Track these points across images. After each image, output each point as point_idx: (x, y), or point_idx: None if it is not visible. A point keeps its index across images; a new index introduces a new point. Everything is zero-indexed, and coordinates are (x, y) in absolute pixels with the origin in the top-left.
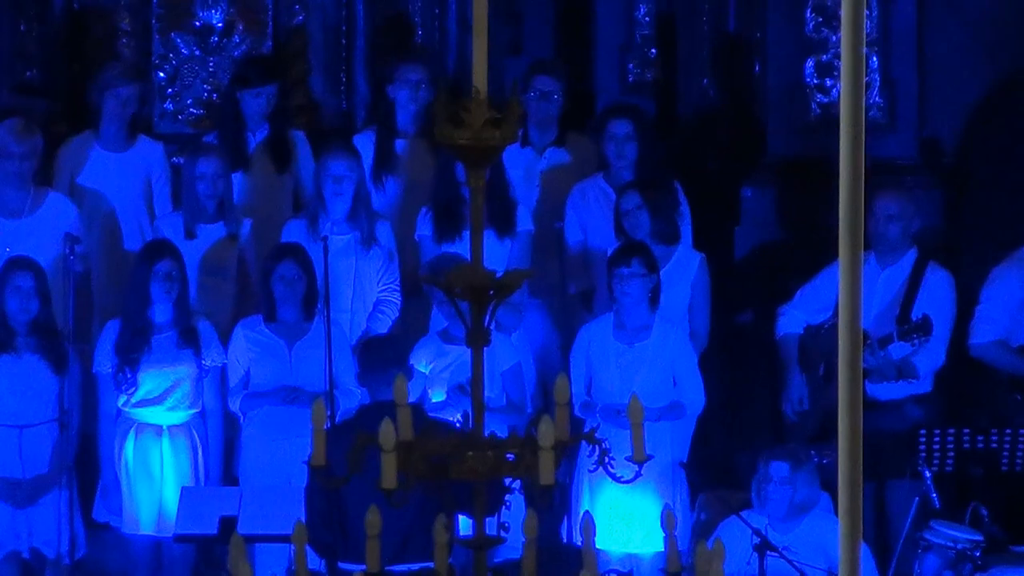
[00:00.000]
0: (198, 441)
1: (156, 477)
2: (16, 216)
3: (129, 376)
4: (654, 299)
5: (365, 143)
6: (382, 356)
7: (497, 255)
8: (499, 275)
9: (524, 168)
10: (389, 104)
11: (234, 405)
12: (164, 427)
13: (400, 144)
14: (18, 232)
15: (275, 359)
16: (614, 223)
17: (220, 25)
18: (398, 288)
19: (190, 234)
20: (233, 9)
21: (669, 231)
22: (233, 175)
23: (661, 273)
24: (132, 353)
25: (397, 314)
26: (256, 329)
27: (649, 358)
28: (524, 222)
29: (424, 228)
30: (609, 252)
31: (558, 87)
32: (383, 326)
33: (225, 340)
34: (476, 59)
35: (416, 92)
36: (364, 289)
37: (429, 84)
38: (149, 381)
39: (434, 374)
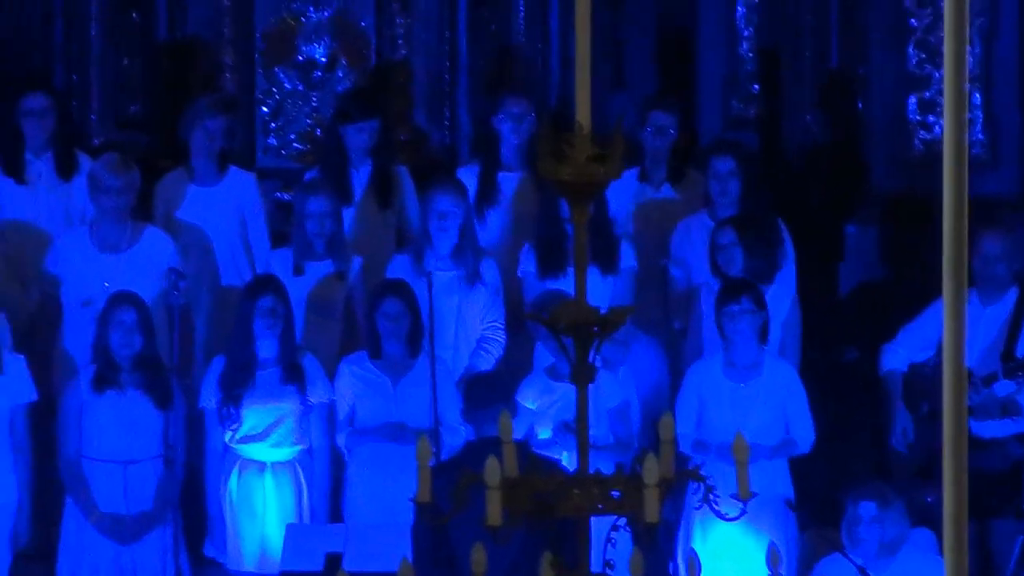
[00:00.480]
0: (302, 478)
1: (259, 513)
2: (114, 251)
3: (232, 412)
4: (763, 336)
5: (469, 177)
6: (488, 393)
7: (600, 291)
8: (603, 311)
9: (639, 202)
10: (493, 137)
11: (339, 440)
12: (267, 463)
13: (504, 178)
14: (117, 267)
15: (380, 396)
16: (709, 258)
17: (323, 59)
18: (502, 326)
19: (299, 270)
20: (336, 44)
21: (763, 269)
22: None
23: None
24: (235, 389)
25: (501, 351)
26: (361, 365)
27: (760, 396)
28: (627, 258)
29: (527, 264)
30: (714, 289)
31: (673, 121)
32: (487, 363)
33: (332, 377)
34: (578, 94)
35: (519, 125)
36: (468, 326)
37: (533, 117)
38: (252, 417)
39: (540, 411)
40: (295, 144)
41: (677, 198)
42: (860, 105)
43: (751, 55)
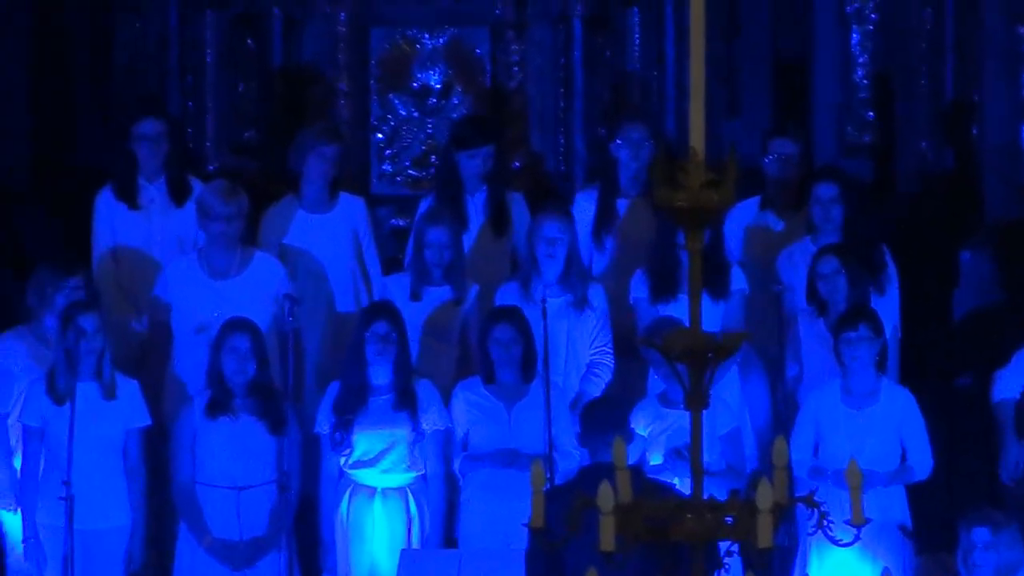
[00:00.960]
0: (413, 504)
1: (368, 539)
2: (224, 277)
3: (345, 438)
4: (881, 363)
5: (588, 202)
6: (602, 418)
7: (711, 316)
8: (717, 337)
9: (763, 229)
10: (611, 163)
11: (453, 466)
12: (378, 489)
13: (621, 203)
14: (226, 293)
15: (494, 422)
16: (807, 286)
17: (438, 86)
18: (611, 351)
19: (416, 296)
20: (451, 70)
21: (865, 297)
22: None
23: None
24: (347, 414)
25: (610, 376)
26: (475, 391)
27: (878, 423)
28: (738, 281)
29: (639, 291)
30: (824, 321)
31: (796, 149)
32: (596, 388)
33: (447, 402)
34: (693, 121)
35: (638, 151)
36: (577, 351)
37: (651, 144)
38: (364, 443)
39: (652, 437)
40: (410, 171)
41: (787, 225)
42: (975, 131)
43: (866, 82)
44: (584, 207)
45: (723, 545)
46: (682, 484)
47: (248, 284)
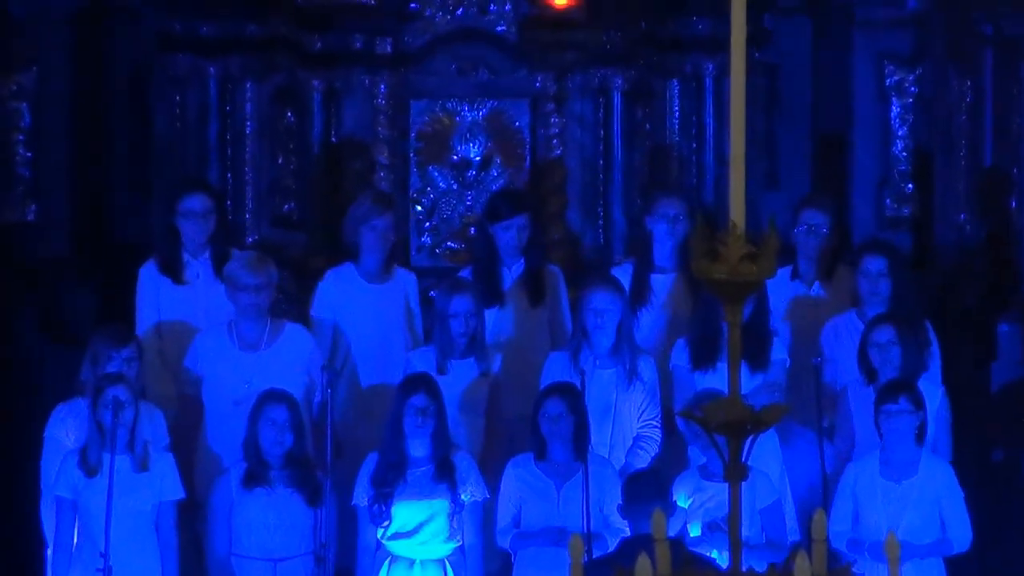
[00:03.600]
0: (452, 574)
1: None
2: (254, 349)
3: (383, 509)
4: (920, 436)
5: (622, 277)
6: (645, 490)
7: (749, 386)
8: (756, 409)
9: (792, 299)
10: (647, 237)
11: (504, 543)
12: (417, 560)
13: (656, 279)
14: (257, 365)
15: (544, 500)
16: (858, 356)
17: (478, 159)
18: (659, 424)
19: (441, 370)
20: (491, 143)
21: (917, 368)
22: (487, 311)
23: None
24: (386, 487)
25: (657, 450)
26: (527, 468)
27: (916, 495)
28: (778, 351)
29: (679, 358)
30: (862, 387)
31: (826, 220)
32: (643, 461)
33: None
34: (733, 193)
35: (674, 227)
36: (624, 423)
37: (686, 218)
38: (403, 514)
39: (692, 509)
40: (449, 243)
41: (826, 296)
42: (1014, 204)
43: (905, 155)
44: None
45: None
46: (720, 557)
47: (279, 356)
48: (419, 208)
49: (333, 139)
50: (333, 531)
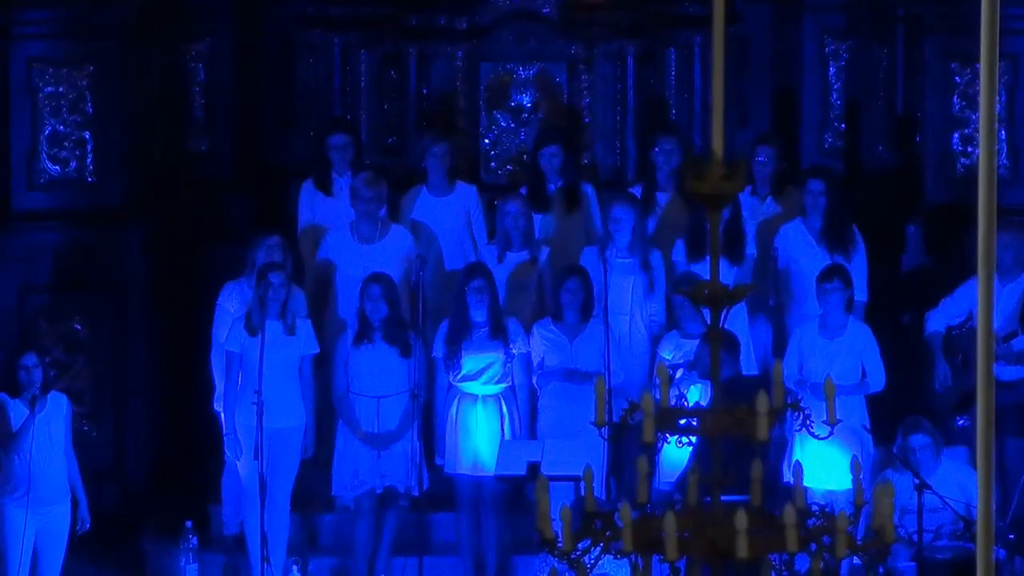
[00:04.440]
0: (504, 406)
1: (472, 433)
2: (369, 242)
3: (454, 360)
4: (848, 306)
5: (635, 193)
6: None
7: (727, 276)
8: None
9: (750, 211)
10: (651, 166)
11: (534, 381)
12: (479, 396)
13: (660, 196)
14: (371, 254)
15: (560, 350)
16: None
17: (529, 105)
18: (663, 306)
19: (501, 259)
20: (539, 94)
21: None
22: (536, 215)
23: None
24: (455, 344)
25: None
26: (547, 328)
27: (844, 349)
28: (749, 249)
29: (678, 255)
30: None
31: (773, 153)
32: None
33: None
34: (714, 131)
35: (669, 157)
36: (639, 300)
37: (680, 151)
38: (468, 363)
39: (675, 360)
40: (508, 166)
41: (782, 210)
42: (918, 139)
43: (839, 103)
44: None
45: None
46: (702, 392)
47: (386, 248)
48: (486, 141)
49: (424, 90)
50: (422, 376)
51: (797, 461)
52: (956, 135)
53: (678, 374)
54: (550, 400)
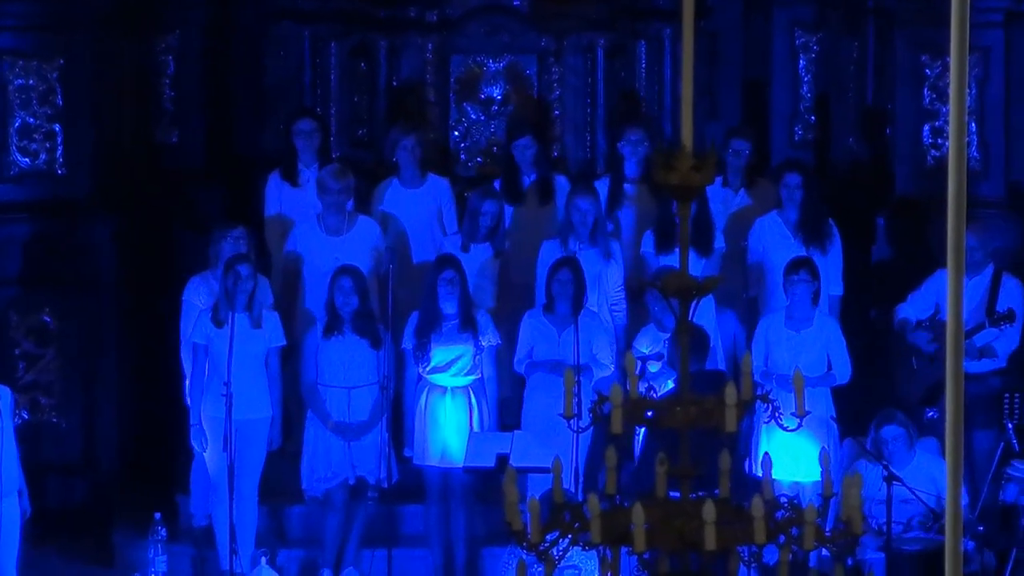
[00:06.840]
0: (473, 399)
1: (441, 425)
2: (336, 234)
3: (423, 352)
4: (815, 299)
5: (602, 186)
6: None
7: (697, 268)
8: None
9: (722, 203)
10: (619, 157)
11: (520, 368)
12: (448, 388)
13: (628, 188)
14: (339, 246)
15: (548, 340)
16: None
17: (499, 97)
18: (623, 291)
19: (465, 248)
20: (509, 86)
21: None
22: (508, 207)
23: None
24: (425, 336)
25: (625, 307)
26: (537, 318)
27: (811, 341)
28: (718, 242)
29: (647, 246)
30: (782, 266)
31: (746, 146)
32: (620, 320)
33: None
34: (684, 122)
35: (637, 148)
36: (605, 289)
37: (647, 143)
38: (438, 355)
39: (652, 353)
40: (478, 159)
41: (753, 202)
42: (888, 131)
43: (809, 95)
44: (600, 190)
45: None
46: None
47: (354, 240)
48: (456, 133)
49: (394, 83)
50: (391, 367)
51: (767, 454)
52: (927, 127)
53: (654, 367)
54: (535, 390)
